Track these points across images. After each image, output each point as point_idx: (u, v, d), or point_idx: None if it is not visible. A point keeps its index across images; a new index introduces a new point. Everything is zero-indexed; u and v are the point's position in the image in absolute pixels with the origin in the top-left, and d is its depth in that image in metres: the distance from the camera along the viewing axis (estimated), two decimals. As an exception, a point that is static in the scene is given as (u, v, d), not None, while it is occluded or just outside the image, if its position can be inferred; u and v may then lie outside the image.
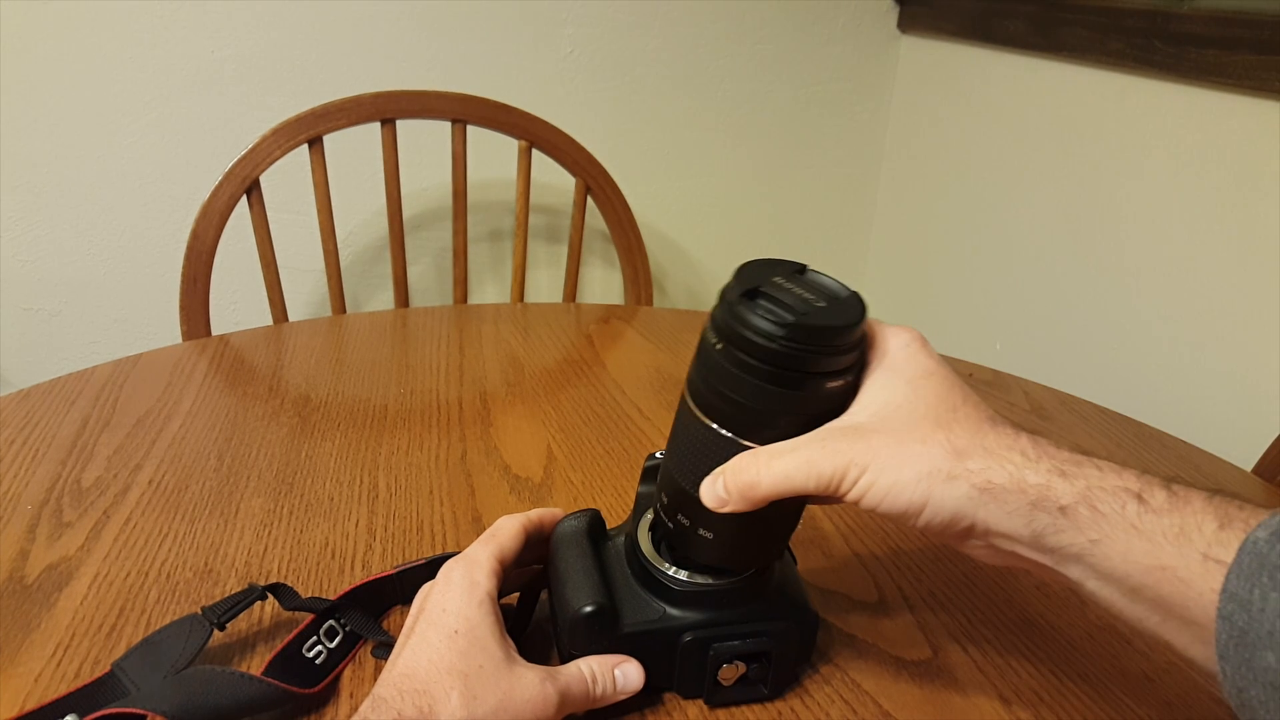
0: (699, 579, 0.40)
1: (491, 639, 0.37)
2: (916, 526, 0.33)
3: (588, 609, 0.38)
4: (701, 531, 0.38)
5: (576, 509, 0.43)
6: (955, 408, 0.34)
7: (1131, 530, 0.30)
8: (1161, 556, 0.29)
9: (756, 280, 0.35)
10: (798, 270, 0.37)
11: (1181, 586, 0.29)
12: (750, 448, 0.35)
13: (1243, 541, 0.28)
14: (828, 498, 0.34)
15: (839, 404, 0.35)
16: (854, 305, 0.35)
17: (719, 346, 0.35)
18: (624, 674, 0.39)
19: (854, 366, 0.35)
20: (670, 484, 0.39)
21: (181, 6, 1.12)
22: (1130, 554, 0.30)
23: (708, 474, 0.36)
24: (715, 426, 0.36)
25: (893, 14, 1.41)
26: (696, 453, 0.37)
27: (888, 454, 0.32)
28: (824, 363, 0.34)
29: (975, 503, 0.32)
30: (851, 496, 0.33)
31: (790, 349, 0.33)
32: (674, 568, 0.40)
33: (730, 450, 0.36)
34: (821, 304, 0.34)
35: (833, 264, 1.56)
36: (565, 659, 0.39)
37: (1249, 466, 0.68)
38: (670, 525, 0.39)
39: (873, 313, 0.36)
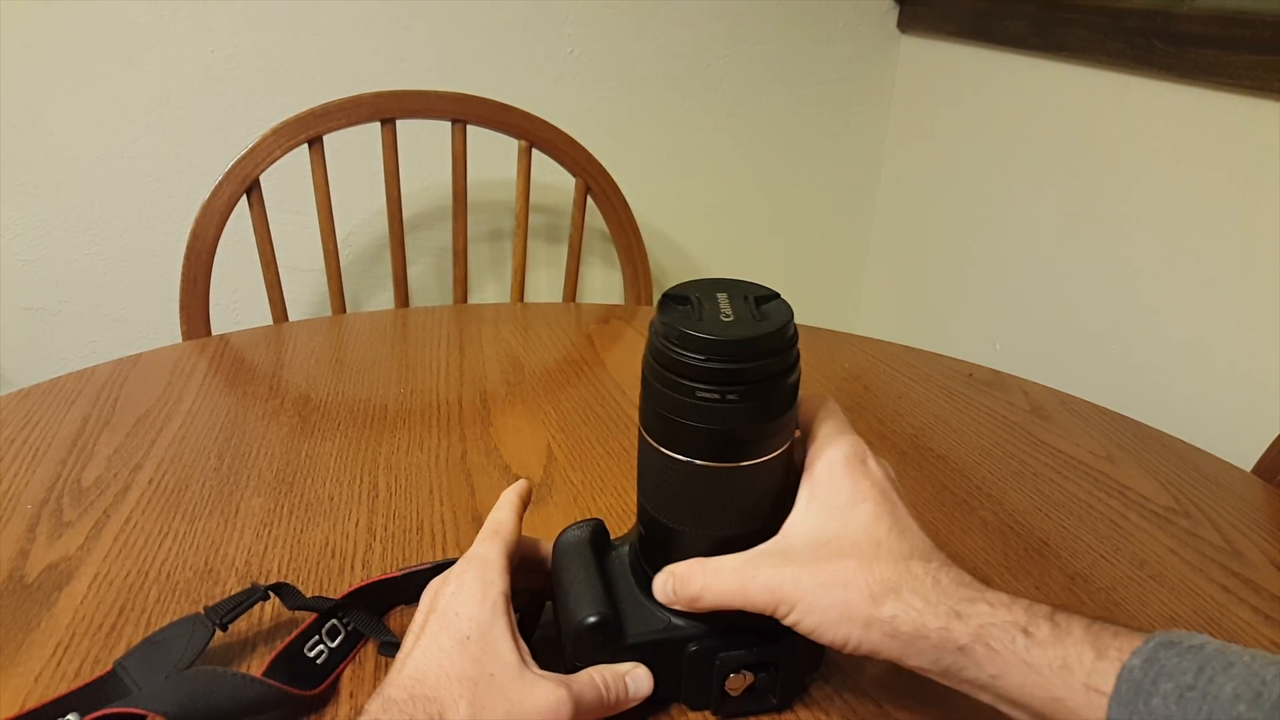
0: None
1: (504, 645, 0.36)
2: (843, 652, 0.36)
3: (591, 620, 0.38)
4: (680, 558, 0.39)
5: (577, 509, 0.43)
6: (879, 541, 0.36)
7: (1023, 665, 0.32)
8: (1051, 689, 0.32)
9: (694, 290, 0.37)
10: (765, 296, 0.37)
11: (1073, 717, 0.32)
12: (676, 459, 0.36)
13: (1119, 670, 0.31)
14: None
15: (728, 424, 0.35)
16: (752, 331, 0.35)
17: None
18: (634, 680, 0.39)
19: (734, 385, 0.35)
20: (641, 511, 0.40)
21: (181, 6, 1.12)
22: (1026, 687, 0.32)
23: (661, 492, 0.38)
24: (652, 442, 0.37)
25: (893, 14, 1.41)
26: (647, 473, 0.39)
27: (813, 595, 0.35)
28: (688, 368, 0.34)
29: (887, 645, 0.35)
30: (785, 623, 0.36)
31: (662, 346, 0.35)
32: None
33: (674, 467, 0.37)
34: (728, 319, 0.35)
35: (833, 264, 1.56)
36: (571, 670, 0.39)
37: (1249, 466, 0.68)
38: (654, 551, 0.40)
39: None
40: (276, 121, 0.97)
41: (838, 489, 0.37)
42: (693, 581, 0.37)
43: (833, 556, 0.36)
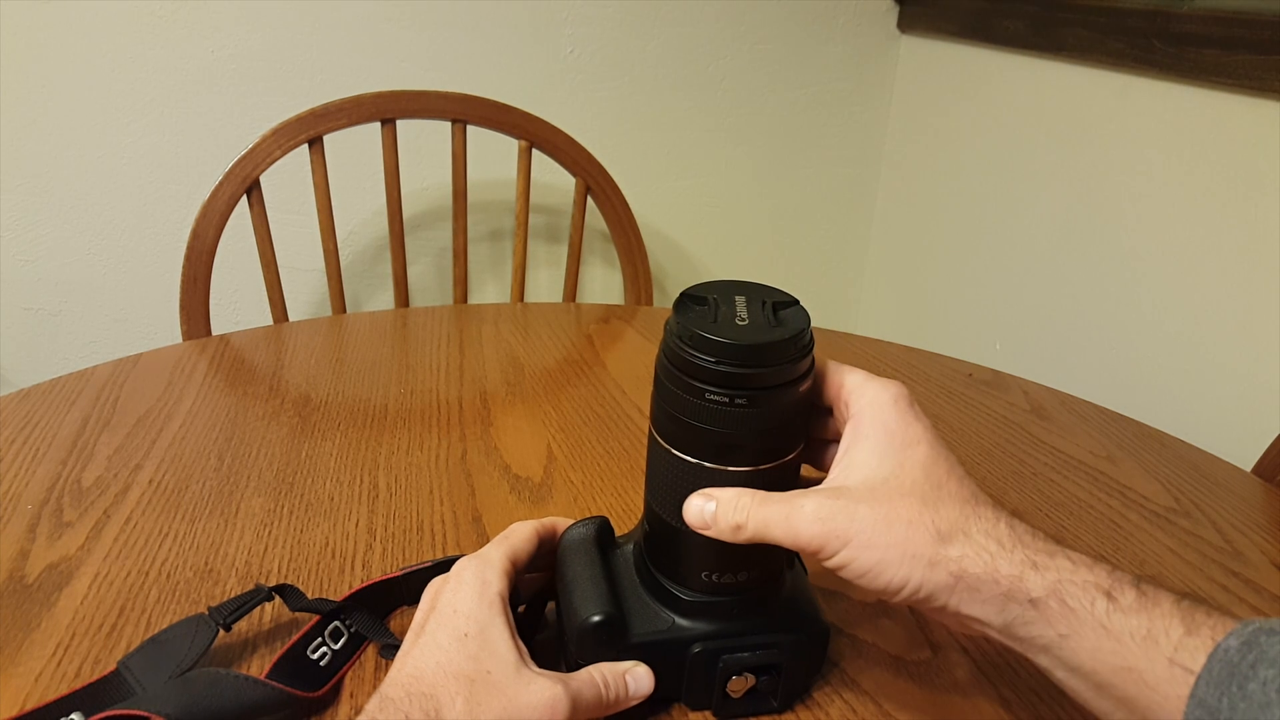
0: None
1: (502, 643, 0.36)
2: (889, 601, 0.34)
3: (596, 618, 0.38)
4: (687, 563, 0.39)
5: (577, 509, 0.43)
6: (941, 484, 0.34)
7: (1100, 629, 0.30)
8: (1128, 658, 0.30)
9: (713, 291, 0.37)
10: (784, 302, 0.37)
11: (1147, 690, 0.30)
12: (687, 460, 0.36)
13: (1213, 649, 0.29)
14: None
15: (736, 429, 0.35)
16: (764, 337, 0.34)
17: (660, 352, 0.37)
18: (634, 679, 0.39)
19: (742, 390, 0.34)
20: (648, 510, 0.40)
21: (181, 6, 1.12)
22: (1098, 652, 0.31)
23: (669, 492, 0.37)
24: (661, 441, 0.37)
25: (893, 14, 1.41)
26: (656, 474, 0.38)
27: (872, 532, 0.33)
28: (700, 370, 0.34)
29: (951, 589, 0.32)
30: (830, 565, 0.34)
31: (675, 345, 0.35)
32: None
33: (683, 469, 0.36)
34: (743, 323, 0.35)
35: (833, 264, 1.56)
36: (573, 668, 0.39)
37: (1249, 466, 0.68)
38: (659, 550, 0.40)
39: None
40: (276, 121, 0.97)
41: (890, 430, 0.35)
42: (738, 510, 0.35)
43: (892, 496, 0.33)
